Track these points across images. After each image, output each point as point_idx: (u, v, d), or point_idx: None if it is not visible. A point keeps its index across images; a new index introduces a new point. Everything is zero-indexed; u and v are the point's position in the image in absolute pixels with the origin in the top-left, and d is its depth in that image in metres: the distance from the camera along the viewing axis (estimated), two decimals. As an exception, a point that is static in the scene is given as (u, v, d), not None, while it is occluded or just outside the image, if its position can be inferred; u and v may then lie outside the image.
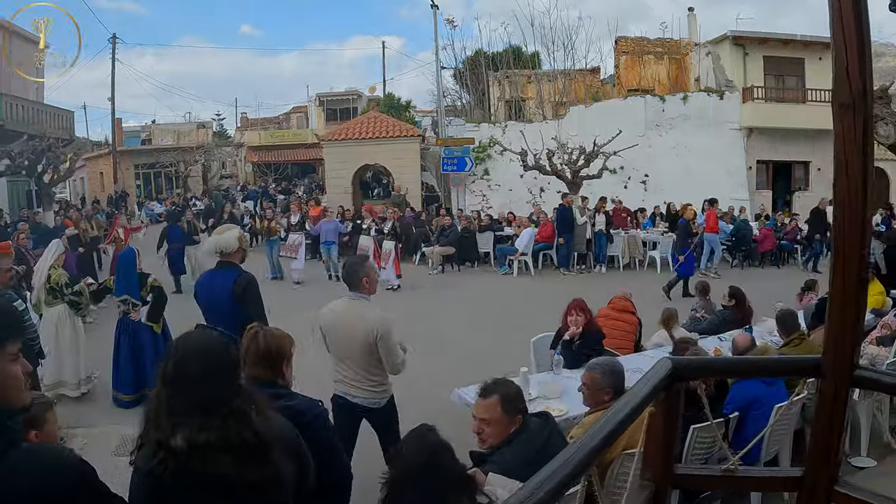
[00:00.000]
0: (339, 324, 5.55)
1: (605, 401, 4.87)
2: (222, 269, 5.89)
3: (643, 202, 25.68)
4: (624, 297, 8.88)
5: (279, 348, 3.80)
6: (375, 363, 5.42)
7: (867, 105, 2.25)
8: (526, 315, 13.48)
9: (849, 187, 2.34)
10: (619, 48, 34.32)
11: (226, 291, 5.70)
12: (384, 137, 27.34)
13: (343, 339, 5.51)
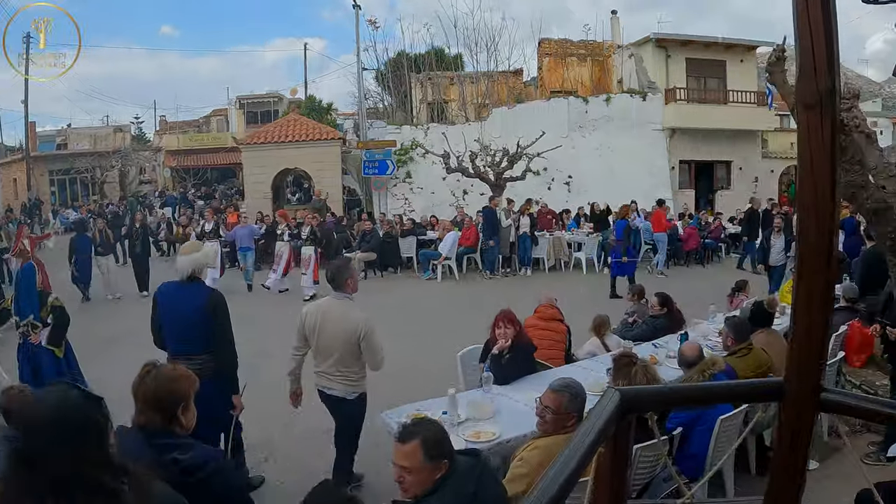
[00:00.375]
0: (323, 321, 5.93)
1: (567, 426, 4.47)
2: (189, 284, 5.87)
3: (567, 203, 25.47)
4: (550, 304, 8.41)
5: (173, 391, 3.33)
6: (354, 359, 5.88)
7: (834, 104, 1.92)
8: (452, 322, 13.21)
9: (815, 192, 2.00)
10: (543, 50, 34.17)
11: (193, 306, 5.72)
12: (304, 141, 26.77)
13: (327, 335, 5.90)
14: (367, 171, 26.56)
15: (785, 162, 32.12)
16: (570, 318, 8.91)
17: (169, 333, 5.79)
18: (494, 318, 6.89)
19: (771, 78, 8.57)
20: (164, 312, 5.87)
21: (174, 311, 5.80)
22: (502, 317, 6.81)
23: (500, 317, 6.82)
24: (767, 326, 7.71)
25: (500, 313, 6.87)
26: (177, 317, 5.76)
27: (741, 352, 6.70)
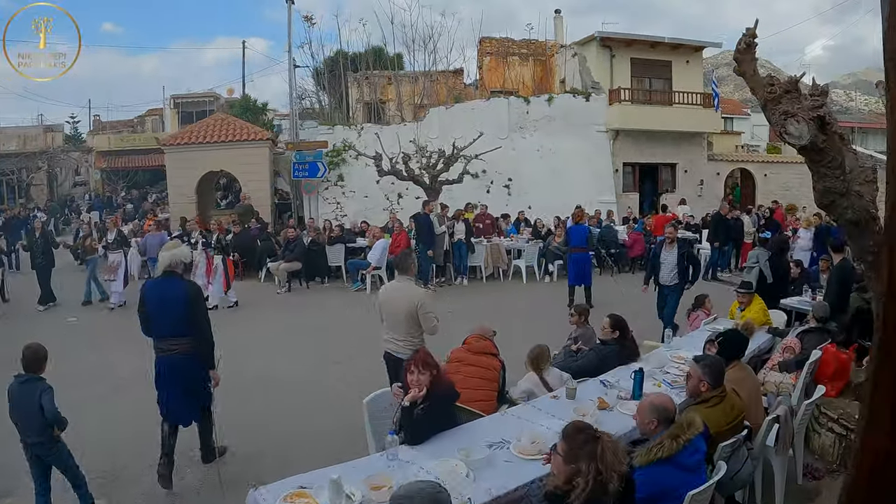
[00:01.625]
0: (391, 298, 7.54)
1: None
2: (170, 279, 6.87)
3: (507, 207, 24.63)
4: (482, 336, 7.13)
5: None
6: (416, 328, 7.33)
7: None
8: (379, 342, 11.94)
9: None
10: (483, 49, 33.63)
11: (176, 297, 6.73)
12: (230, 141, 25.25)
13: (393, 310, 7.46)
14: (298, 174, 25.14)
15: (730, 164, 31.93)
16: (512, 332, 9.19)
17: (156, 320, 6.78)
18: (405, 363, 5.64)
19: (739, 68, 7.43)
20: (151, 304, 6.81)
21: (161, 301, 6.78)
22: (416, 360, 5.54)
23: (413, 360, 5.56)
24: (739, 358, 6.61)
25: (413, 356, 5.63)
26: (163, 306, 6.75)
27: (714, 399, 5.44)
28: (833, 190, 6.89)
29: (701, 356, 5.97)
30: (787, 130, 6.65)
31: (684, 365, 7.46)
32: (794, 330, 9.38)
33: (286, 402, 9.31)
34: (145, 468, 6.97)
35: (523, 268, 19.07)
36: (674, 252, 12.38)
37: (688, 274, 12.31)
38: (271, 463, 7.17)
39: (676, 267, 12.29)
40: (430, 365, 5.50)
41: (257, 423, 8.35)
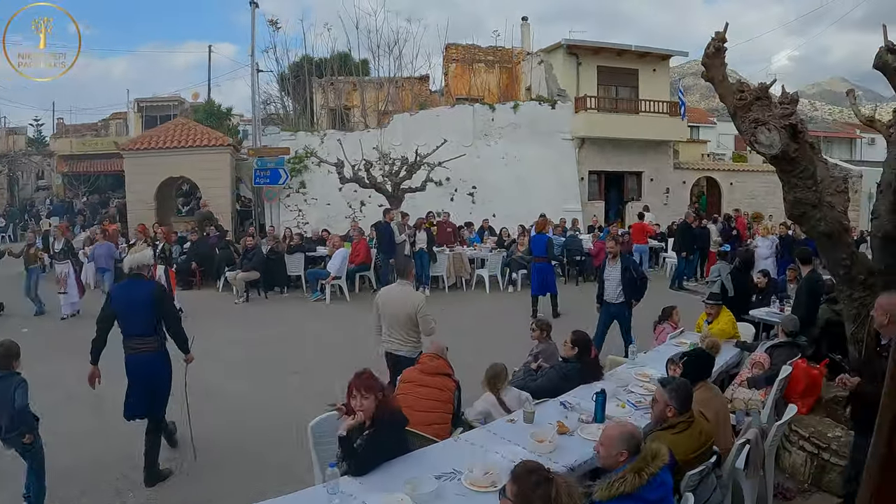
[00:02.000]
0: (392, 300, 8.11)
1: None
2: (136, 281, 7.17)
3: (471, 215, 24.38)
4: (435, 354, 6.69)
5: None
6: (413, 329, 7.97)
7: None
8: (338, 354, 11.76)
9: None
10: (449, 55, 33.48)
11: (142, 298, 6.99)
12: (191, 147, 24.70)
13: (393, 312, 8.03)
14: (259, 181, 24.62)
15: (696, 173, 31.96)
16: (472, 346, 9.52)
17: (124, 320, 6.99)
18: (348, 385, 5.14)
19: (707, 73, 7.12)
20: (119, 305, 7.04)
21: (127, 303, 7.00)
22: (358, 383, 5.05)
23: (356, 383, 5.07)
24: (706, 379, 6.24)
25: (356, 379, 5.11)
26: (130, 307, 6.98)
27: (681, 425, 5.05)
28: (805, 201, 6.60)
29: (667, 379, 5.58)
30: (757, 139, 6.34)
31: (649, 383, 7.14)
32: (762, 344, 9.05)
33: (236, 418, 8.84)
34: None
35: (486, 278, 18.69)
36: (617, 267, 11.44)
37: (635, 290, 11.40)
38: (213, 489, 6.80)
39: (620, 283, 11.36)
40: (374, 388, 5.02)
41: (203, 442, 7.89)
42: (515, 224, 21.96)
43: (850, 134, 48.63)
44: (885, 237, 6.42)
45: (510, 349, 10.45)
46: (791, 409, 6.44)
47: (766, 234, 18.32)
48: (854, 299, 7.19)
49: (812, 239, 7.42)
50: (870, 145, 47.83)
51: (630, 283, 11.31)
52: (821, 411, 7.59)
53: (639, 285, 11.45)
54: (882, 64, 5.59)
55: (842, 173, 8.21)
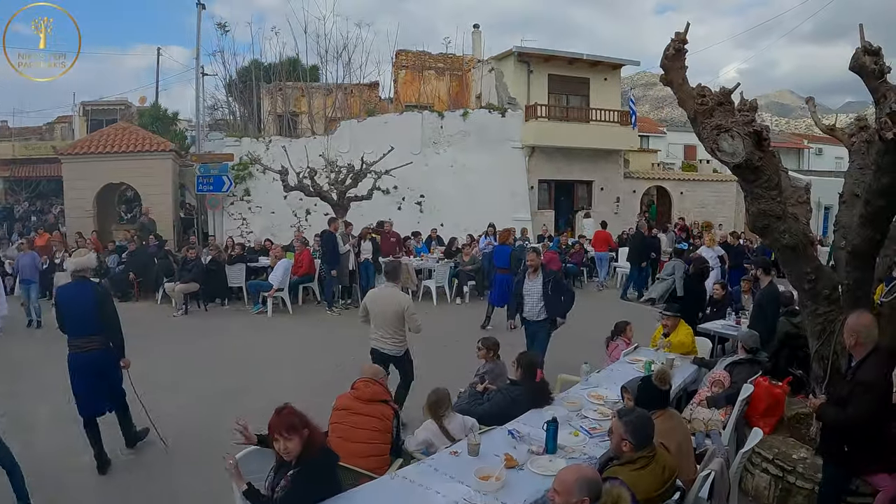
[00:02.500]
0: (380, 301, 8.66)
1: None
2: (80, 283, 7.55)
3: (419, 224, 23.85)
4: (372, 379, 6.14)
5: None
6: (400, 327, 8.55)
7: None
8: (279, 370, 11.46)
9: None
10: (399, 62, 33.15)
11: (86, 299, 7.39)
12: (131, 152, 23.76)
13: (381, 311, 8.55)
14: (202, 188, 23.92)
15: (647, 182, 31.93)
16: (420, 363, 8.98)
17: (70, 321, 7.45)
18: (268, 425, 4.55)
19: (666, 76, 6.70)
20: (64, 306, 7.50)
21: (72, 304, 7.46)
22: (279, 424, 4.46)
23: (275, 424, 4.48)
24: (665, 407, 5.80)
25: (275, 418, 4.52)
26: (75, 309, 7.43)
27: (642, 461, 4.59)
28: (769, 212, 6.20)
29: (625, 410, 5.08)
30: (719, 147, 5.93)
31: (604, 406, 6.73)
32: (721, 361, 8.66)
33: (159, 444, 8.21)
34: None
35: (433, 289, 18.21)
36: (538, 281, 10.40)
37: (559, 307, 10.32)
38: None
39: (542, 299, 10.34)
40: (297, 427, 4.45)
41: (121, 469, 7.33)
42: (464, 233, 21.57)
43: (797, 144, 49.25)
44: (854, 252, 6.05)
45: (458, 366, 10.08)
46: (756, 434, 6.04)
47: (711, 244, 17.66)
48: (819, 314, 6.85)
49: (775, 252, 7.04)
50: (817, 155, 48.50)
51: (553, 300, 10.28)
52: (784, 430, 7.24)
53: (564, 302, 10.42)
54: (859, 66, 5.21)
55: (802, 183, 7.85)
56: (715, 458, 5.47)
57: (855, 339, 5.23)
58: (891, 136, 4.69)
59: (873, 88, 5.10)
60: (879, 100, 4.98)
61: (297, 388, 10.19)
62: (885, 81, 5.04)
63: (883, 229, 5.83)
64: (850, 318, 5.38)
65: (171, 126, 32.71)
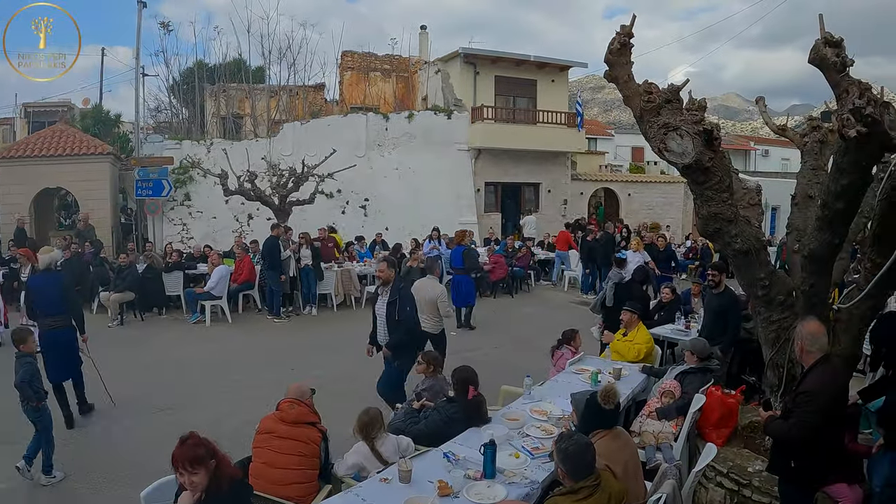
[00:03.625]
0: (420, 290, 10.28)
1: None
2: (49, 273, 9.54)
3: (363, 229, 23.45)
4: (297, 400, 5.70)
5: None
6: (435, 311, 10.43)
7: None
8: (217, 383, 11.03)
9: None
10: (345, 63, 32.77)
11: (54, 286, 9.38)
12: (68, 155, 22.85)
13: (421, 297, 10.05)
14: (141, 193, 23.14)
15: (594, 184, 32.01)
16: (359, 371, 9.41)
17: (39, 304, 9.32)
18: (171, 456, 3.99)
19: (611, 72, 6.37)
20: (36, 292, 9.51)
21: (43, 289, 9.39)
22: (181, 456, 3.94)
23: (178, 456, 3.95)
24: (609, 427, 5.40)
25: (178, 449, 3.97)
26: (45, 293, 9.32)
27: (584, 490, 4.18)
28: (721, 216, 5.88)
29: (563, 436, 4.64)
30: (667, 146, 5.59)
31: (548, 423, 6.38)
32: (671, 370, 8.33)
33: (93, 463, 7.81)
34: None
35: (377, 294, 17.57)
36: (384, 300, 8.85)
37: (397, 332, 8.71)
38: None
39: (386, 323, 8.81)
40: (202, 458, 3.95)
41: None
42: (409, 237, 21.18)
43: (744, 146, 49.71)
44: (811, 256, 5.75)
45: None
46: (710, 450, 5.75)
47: (637, 248, 17.29)
48: (773, 321, 6.56)
49: (727, 257, 6.74)
50: (763, 157, 48.94)
51: (393, 327, 8.72)
52: (738, 441, 6.96)
53: (400, 330, 8.68)
54: (819, 58, 4.89)
55: (746, 185, 7.58)
56: (667, 478, 5.15)
57: (800, 347, 5.01)
58: (853, 133, 4.38)
59: (835, 83, 4.79)
60: (841, 94, 4.66)
61: (236, 402, 9.82)
62: (847, 75, 4.74)
63: (841, 233, 5.54)
64: (797, 325, 5.19)
65: (114, 129, 31.86)
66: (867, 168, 4.89)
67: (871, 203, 6.35)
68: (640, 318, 9.60)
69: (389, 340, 8.72)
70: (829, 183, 5.26)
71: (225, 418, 8.95)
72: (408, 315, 8.74)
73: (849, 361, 6.34)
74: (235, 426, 8.39)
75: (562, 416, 6.53)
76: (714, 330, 9.59)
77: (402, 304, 8.66)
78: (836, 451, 5.03)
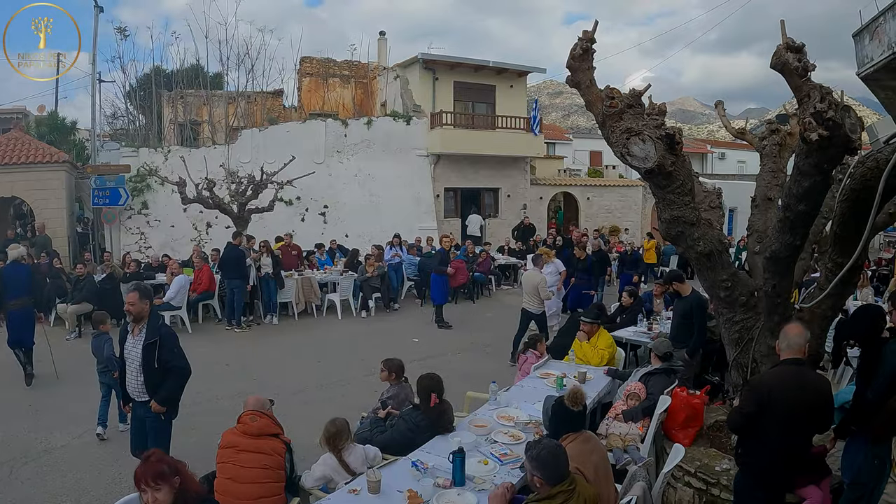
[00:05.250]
0: (526, 278, 13.51)
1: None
2: (18, 264, 12.04)
3: (322, 236, 23.28)
4: (258, 412, 5.61)
5: None
6: (536, 295, 12.94)
7: None
8: None
9: None
10: (303, 69, 32.57)
11: (24, 273, 12.09)
12: (21, 163, 22.33)
13: (525, 282, 13.51)
14: (97, 201, 22.77)
15: (553, 189, 31.98)
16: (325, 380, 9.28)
17: (11, 290, 11.72)
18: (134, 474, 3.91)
19: (573, 77, 6.39)
20: (8, 278, 11.76)
21: (14, 278, 11.78)
22: (145, 473, 3.85)
23: (141, 473, 3.86)
24: (578, 430, 5.39)
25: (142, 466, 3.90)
26: (16, 281, 11.77)
27: (560, 496, 4.17)
28: (683, 219, 5.91)
29: (531, 444, 4.62)
30: (630, 151, 5.60)
31: (514, 428, 6.36)
32: (635, 372, 8.36)
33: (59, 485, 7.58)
34: None
35: (338, 303, 17.63)
36: (139, 341, 6.72)
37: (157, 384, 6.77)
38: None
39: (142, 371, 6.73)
40: (166, 475, 3.86)
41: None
42: (369, 244, 21.08)
43: (701, 149, 50.24)
44: (773, 257, 5.80)
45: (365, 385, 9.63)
46: (677, 451, 5.77)
47: (548, 259, 15.44)
48: (735, 322, 6.63)
49: (689, 259, 6.77)
50: (720, 160, 49.51)
51: (154, 371, 6.70)
52: (704, 440, 6.97)
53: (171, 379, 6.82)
54: (781, 63, 4.93)
55: (706, 188, 7.64)
56: (636, 481, 5.15)
57: (777, 346, 5.07)
58: (815, 137, 4.42)
59: (796, 87, 4.84)
60: (803, 99, 4.71)
61: (198, 414, 9.67)
62: (808, 80, 4.79)
63: (802, 234, 5.59)
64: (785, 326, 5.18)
65: (70, 136, 31.43)
66: (828, 171, 4.93)
67: (830, 204, 6.43)
68: (600, 325, 9.60)
69: (160, 394, 6.69)
70: (790, 185, 5.30)
71: (188, 431, 8.80)
72: (176, 357, 6.79)
73: (811, 360, 6.41)
74: (197, 439, 8.30)
75: (529, 421, 6.52)
76: (680, 333, 9.63)
77: (166, 345, 6.68)
78: (800, 458, 5.05)
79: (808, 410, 4.88)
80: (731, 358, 6.87)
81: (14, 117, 40.86)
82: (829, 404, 5.05)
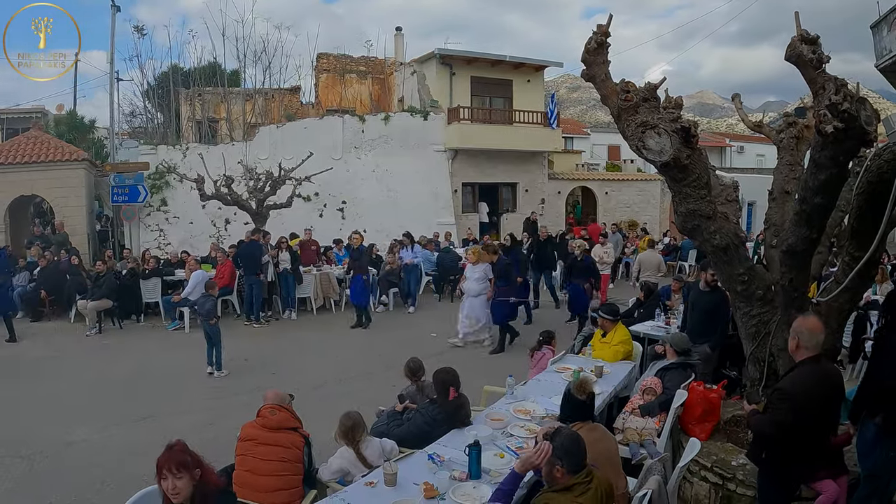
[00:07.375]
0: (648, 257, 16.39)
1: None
2: None
3: (341, 231, 23.18)
4: (278, 406, 5.65)
5: None
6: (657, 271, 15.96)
7: None
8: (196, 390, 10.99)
9: None
10: (320, 66, 32.54)
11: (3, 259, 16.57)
12: (42, 162, 22.53)
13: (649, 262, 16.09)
14: (117, 199, 22.97)
15: (571, 183, 31.85)
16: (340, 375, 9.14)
17: None
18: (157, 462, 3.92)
19: (588, 71, 6.39)
20: None
21: None
22: (168, 461, 3.86)
23: (164, 461, 3.87)
24: (584, 419, 5.36)
25: (165, 454, 3.89)
26: None
27: (579, 487, 4.16)
28: (699, 212, 5.90)
29: (553, 432, 4.65)
30: (646, 145, 5.59)
31: (531, 422, 6.36)
32: (652, 367, 8.35)
33: (78, 479, 7.60)
34: None
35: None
36: None
37: None
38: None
39: None
40: (188, 465, 3.88)
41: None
42: (387, 239, 21.19)
43: (719, 143, 49.99)
44: (789, 251, 5.77)
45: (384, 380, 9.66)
46: (693, 445, 5.74)
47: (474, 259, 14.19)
48: (752, 316, 6.61)
49: (706, 253, 6.75)
50: (739, 153, 49.25)
51: None
52: (720, 435, 6.93)
53: None
54: (796, 55, 4.92)
55: (723, 181, 7.61)
56: (652, 474, 5.14)
57: (795, 343, 4.88)
58: (830, 129, 4.40)
59: (811, 79, 4.83)
60: (818, 91, 4.70)
61: (218, 408, 9.76)
62: (823, 72, 4.77)
63: (819, 227, 5.56)
64: (796, 320, 5.04)
65: (89, 134, 31.58)
66: (844, 163, 4.91)
67: (847, 197, 6.40)
68: (616, 321, 9.55)
69: None
70: (806, 178, 5.28)
71: (207, 426, 8.88)
72: None
73: (828, 354, 6.37)
74: (217, 433, 8.35)
75: (545, 415, 6.53)
76: (703, 328, 9.54)
77: None
78: (822, 450, 5.03)
79: (834, 405, 4.88)
80: (749, 352, 6.85)
81: (33, 116, 41.06)
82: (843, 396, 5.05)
